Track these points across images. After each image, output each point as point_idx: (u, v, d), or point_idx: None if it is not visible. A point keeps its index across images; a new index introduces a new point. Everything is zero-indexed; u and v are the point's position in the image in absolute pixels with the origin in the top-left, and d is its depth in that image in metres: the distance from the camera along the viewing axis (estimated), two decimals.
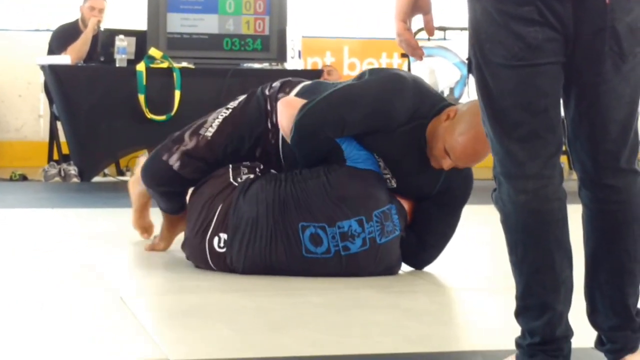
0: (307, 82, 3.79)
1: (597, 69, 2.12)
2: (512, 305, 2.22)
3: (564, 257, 2.16)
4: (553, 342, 2.17)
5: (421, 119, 3.45)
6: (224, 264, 3.50)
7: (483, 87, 2.16)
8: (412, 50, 2.29)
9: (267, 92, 3.75)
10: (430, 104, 3.48)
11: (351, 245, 3.42)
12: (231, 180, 3.53)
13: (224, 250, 3.47)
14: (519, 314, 2.20)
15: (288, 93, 3.71)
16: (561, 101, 2.19)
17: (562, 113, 2.21)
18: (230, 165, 3.59)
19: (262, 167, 3.59)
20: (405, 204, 3.56)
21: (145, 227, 4.13)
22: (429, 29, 2.28)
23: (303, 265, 3.43)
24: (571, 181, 2.27)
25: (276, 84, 3.78)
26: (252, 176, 3.52)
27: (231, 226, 3.45)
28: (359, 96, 3.45)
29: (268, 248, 3.43)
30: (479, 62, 2.14)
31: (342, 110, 3.43)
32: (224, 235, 3.46)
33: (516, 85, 2.11)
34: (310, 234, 3.39)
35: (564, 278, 2.16)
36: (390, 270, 3.55)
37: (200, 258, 3.54)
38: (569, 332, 2.20)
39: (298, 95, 3.66)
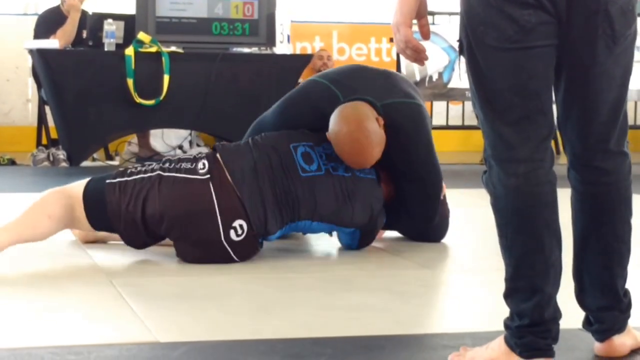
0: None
1: (589, 51, 2.13)
2: (502, 287, 2.23)
3: (553, 239, 2.17)
4: (542, 324, 2.18)
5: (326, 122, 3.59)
6: (249, 249, 3.44)
7: (475, 70, 2.16)
8: (418, 56, 2.21)
9: None
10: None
11: (338, 167, 3.55)
12: (190, 176, 3.40)
13: (242, 237, 3.39)
14: (508, 296, 2.22)
15: None
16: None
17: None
18: (167, 164, 3.46)
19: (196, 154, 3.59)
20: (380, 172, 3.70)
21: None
22: (425, 32, 2.24)
23: (307, 187, 3.47)
24: (559, 165, 2.28)
25: None
26: (205, 162, 3.44)
27: (246, 196, 3.39)
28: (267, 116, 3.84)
29: (274, 183, 3.44)
30: (471, 45, 2.15)
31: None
32: (239, 222, 3.39)
33: (509, 68, 2.12)
34: (302, 153, 3.53)
35: (553, 261, 2.18)
36: (380, 217, 3.62)
37: (222, 256, 3.42)
38: (557, 314, 2.21)
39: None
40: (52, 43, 6.90)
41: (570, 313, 2.32)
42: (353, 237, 3.64)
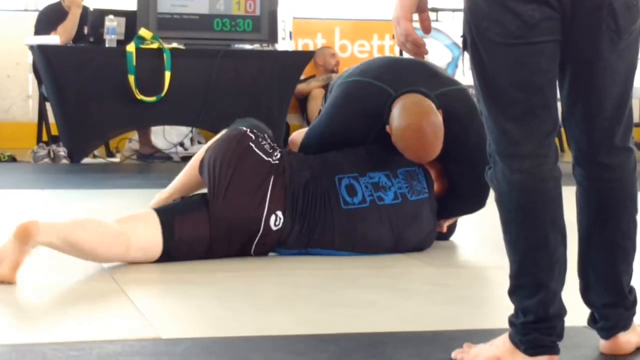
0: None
1: (593, 46, 2.12)
2: (506, 284, 2.22)
3: (558, 236, 2.17)
4: (546, 320, 2.17)
5: (379, 119, 3.55)
6: (269, 246, 3.44)
7: (478, 66, 2.15)
8: (418, 49, 2.21)
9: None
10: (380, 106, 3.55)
11: (384, 196, 3.51)
12: (264, 157, 3.45)
13: (278, 227, 3.40)
14: (513, 292, 2.21)
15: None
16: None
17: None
18: (248, 134, 3.52)
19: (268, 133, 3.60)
20: (431, 171, 3.66)
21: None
22: (426, 27, 2.24)
23: (347, 219, 3.46)
24: (564, 163, 2.28)
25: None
26: (279, 154, 3.49)
27: (289, 196, 3.40)
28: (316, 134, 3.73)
29: (316, 207, 3.44)
30: (475, 40, 2.14)
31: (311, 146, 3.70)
32: (280, 212, 3.39)
33: (512, 63, 2.11)
34: (346, 185, 3.50)
35: (558, 257, 2.17)
36: (429, 237, 3.62)
37: (246, 229, 3.39)
38: (562, 311, 2.20)
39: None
40: (52, 39, 6.89)
41: (576, 310, 2.31)
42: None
